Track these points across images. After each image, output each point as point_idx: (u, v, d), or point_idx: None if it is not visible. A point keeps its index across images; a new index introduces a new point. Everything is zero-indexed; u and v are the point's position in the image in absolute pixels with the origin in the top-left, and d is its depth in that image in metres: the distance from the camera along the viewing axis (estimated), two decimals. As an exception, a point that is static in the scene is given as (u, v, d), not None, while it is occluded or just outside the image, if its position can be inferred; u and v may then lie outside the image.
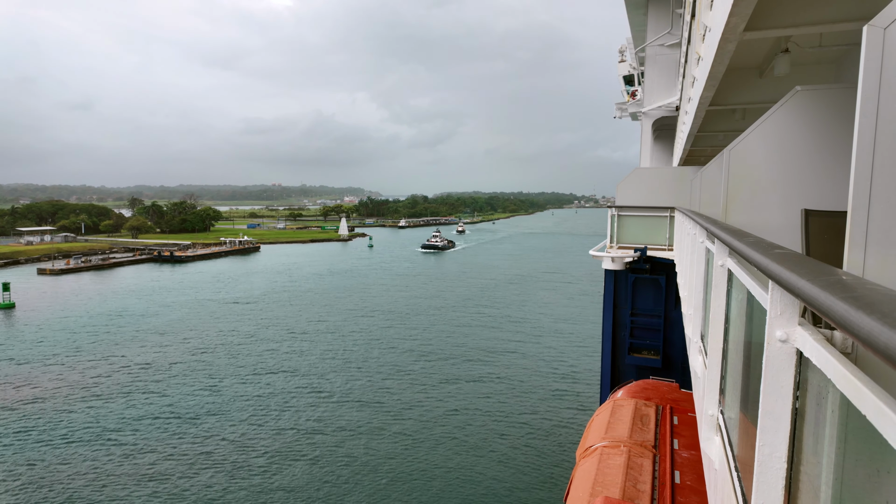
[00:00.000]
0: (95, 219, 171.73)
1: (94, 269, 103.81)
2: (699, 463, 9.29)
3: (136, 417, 33.51)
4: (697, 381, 6.04)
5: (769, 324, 2.19)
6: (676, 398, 13.08)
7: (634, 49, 30.64)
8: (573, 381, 40.85)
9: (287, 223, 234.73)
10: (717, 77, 7.64)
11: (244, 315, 62.91)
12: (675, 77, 25.10)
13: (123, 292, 78.62)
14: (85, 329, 55.81)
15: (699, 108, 10.12)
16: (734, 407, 3.63)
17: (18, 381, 40.12)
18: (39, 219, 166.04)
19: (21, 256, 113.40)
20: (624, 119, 36.11)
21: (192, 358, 45.61)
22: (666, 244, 19.64)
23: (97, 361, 44.69)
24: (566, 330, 57.43)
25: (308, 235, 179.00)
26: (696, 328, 6.80)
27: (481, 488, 25.90)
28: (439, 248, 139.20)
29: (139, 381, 39.98)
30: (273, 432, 31.96)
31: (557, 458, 28.75)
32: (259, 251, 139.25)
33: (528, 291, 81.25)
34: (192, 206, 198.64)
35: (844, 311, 1.27)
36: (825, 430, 1.80)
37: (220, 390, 38.46)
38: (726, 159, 5.72)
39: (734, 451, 3.48)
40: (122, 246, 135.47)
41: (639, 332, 20.59)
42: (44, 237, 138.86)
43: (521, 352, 48.89)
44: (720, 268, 4.13)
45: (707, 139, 16.36)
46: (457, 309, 68.01)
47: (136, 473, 27.24)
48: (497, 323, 60.35)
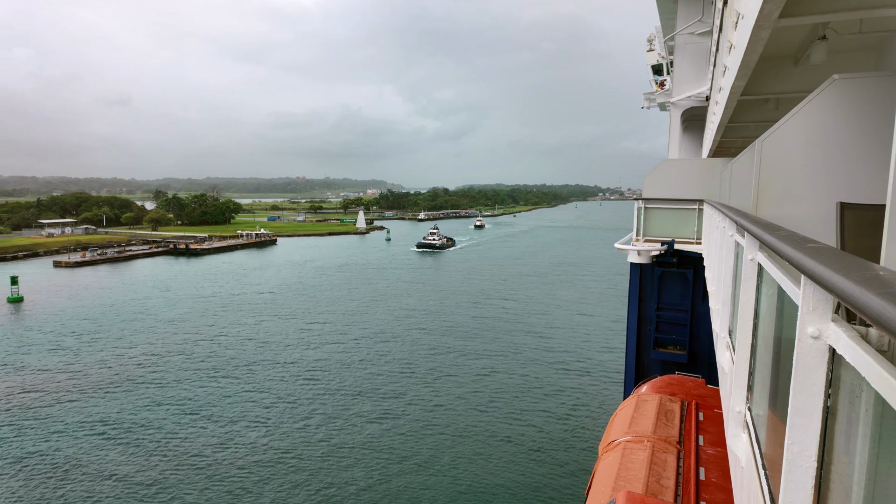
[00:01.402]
0: (117, 211, 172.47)
1: (109, 262, 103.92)
2: (725, 460, 9.15)
3: (132, 414, 33.07)
4: (724, 377, 5.95)
5: (801, 320, 2.14)
6: (702, 394, 12.88)
7: (663, 38, 29.95)
8: (596, 376, 40.56)
9: (307, 216, 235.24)
10: (749, 66, 7.43)
11: (247, 310, 62.31)
12: (706, 66, 24.51)
13: (133, 286, 78.24)
14: (89, 324, 55.36)
15: (730, 97, 9.86)
16: (762, 404, 3.57)
17: (18, 376, 39.76)
18: (63, 211, 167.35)
19: (40, 249, 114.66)
20: (652, 109, 35.46)
21: (184, 355, 45.01)
22: (694, 237, 19.31)
23: (98, 357, 44.41)
24: (588, 325, 56.99)
25: (326, 228, 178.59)
26: (723, 323, 6.69)
27: (503, 480, 25.99)
28: (437, 246, 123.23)
29: (136, 376, 39.45)
30: (291, 427, 32.54)
31: (579, 453, 28.64)
32: (276, 244, 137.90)
33: (541, 294, 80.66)
34: (214, 198, 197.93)
35: (881, 308, 1.23)
36: (858, 429, 1.76)
37: (218, 388, 38.55)
38: (758, 150, 5.57)
39: (762, 449, 3.43)
40: (140, 238, 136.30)
41: (664, 327, 20.30)
42: (65, 229, 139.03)
43: (541, 347, 48.71)
44: (750, 262, 4.05)
45: (738, 130, 15.95)
46: (475, 305, 68.04)
47: (140, 470, 27.92)
48: (518, 318, 60.19)
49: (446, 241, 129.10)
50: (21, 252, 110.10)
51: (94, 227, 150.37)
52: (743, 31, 6.66)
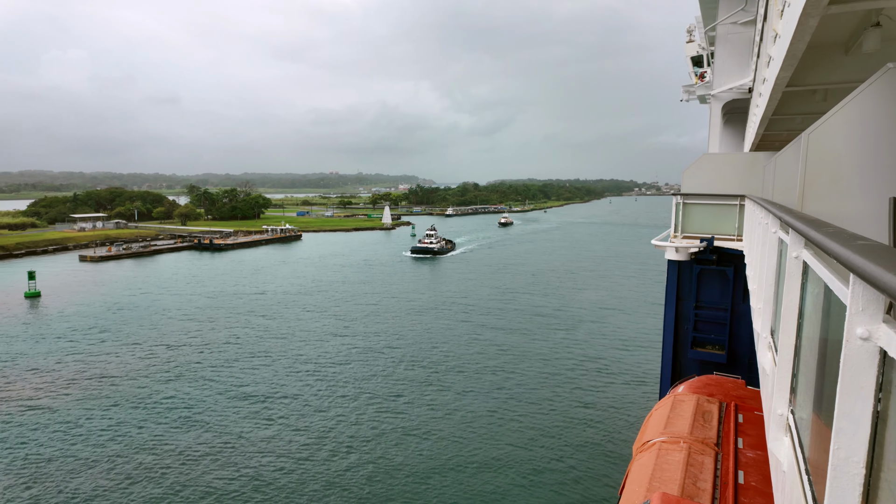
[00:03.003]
0: (149, 206, 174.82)
1: (134, 257, 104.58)
2: (765, 464, 8.89)
3: (132, 413, 32.74)
4: (766, 378, 5.79)
5: (849, 320, 2.07)
6: (742, 395, 12.54)
7: (704, 28, 29.09)
8: (630, 375, 39.90)
9: (335, 211, 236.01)
10: (795, 55, 7.14)
11: (254, 308, 61.65)
12: (748, 57, 23.73)
13: (149, 283, 77.84)
14: (99, 321, 55.28)
15: (775, 89, 9.51)
16: (806, 407, 3.47)
17: (26, 372, 39.92)
18: (98, 205, 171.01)
19: (70, 243, 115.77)
20: (691, 102, 34.58)
21: (185, 353, 44.81)
22: (735, 234, 18.77)
23: (107, 354, 44.30)
24: (622, 323, 56.07)
25: (352, 224, 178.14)
26: (765, 323, 6.51)
27: (534, 478, 25.89)
28: (434, 251, 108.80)
29: (138, 376, 39.25)
30: (310, 425, 33.15)
31: (612, 452, 28.27)
32: (300, 239, 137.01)
33: (571, 293, 79.47)
34: (247, 192, 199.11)
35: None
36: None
37: (217, 386, 38.95)
38: (804, 144, 5.36)
39: (805, 453, 3.33)
40: (168, 233, 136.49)
41: (703, 326, 19.84)
42: (96, 224, 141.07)
43: (574, 345, 48.20)
44: (794, 259, 3.94)
45: (782, 123, 15.38)
46: (513, 304, 67.79)
47: (149, 467, 28.87)
48: (552, 314, 59.69)
49: (445, 243, 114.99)
50: (51, 246, 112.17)
51: (125, 221, 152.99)
52: (789, 19, 6.40)
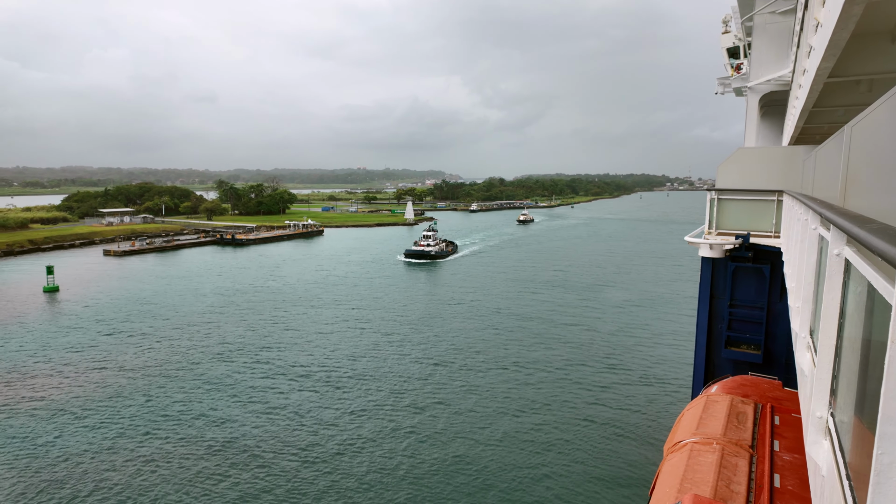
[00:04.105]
0: (177, 200, 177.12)
1: (157, 251, 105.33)
2: (803, 467, 8.63)
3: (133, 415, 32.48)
4: (804, 379, 5.62)
5: (894, 321, 1.99)
6: (778, 397, 12.20)
7: (741, 18, 28.23)
8: (661, 375, 39.21)
9: (360, 206, 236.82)
10: (838, 45, 6.87)
11: (263, 307, 61.67)
12: (787, 47, 22.95)
13: (170, 276, 78.44)
14: (116, 315, 55.76)
15: (816, 80, 9.17)
16: (847, 410, 3.36)
17: (34, 368, 39.93)
18: (128, 200, 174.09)
19: (97, 237, 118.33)
20: (727, 95, 33.59)
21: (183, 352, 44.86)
22: (772, 231, 18.24)
23: (114, 350, 44.68)
24: (653, 322, 55.07)
25: (375, 219, 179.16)
26: (804, 322, 6.31)
27: (560, 478, 25.71)
28: (431, 255, 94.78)
29: (140, 374, 39.30)
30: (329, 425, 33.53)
31: (642, 452, 27.85)
32: (322, 235, 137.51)
33: (603, 291, 78.42)
34: (273, 188, 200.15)
35: None
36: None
37: (217, 385, 39.44)
38: (847, 137, 5.15)
39: (846, 458, 3.23)
40: (193, 228, 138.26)
41: (737, 325, 19.35)
42: (123, 219, 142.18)
43: (604, 345, 47.59)
44: (836, 257, 3.82)
45: (823, 115, 14.82)
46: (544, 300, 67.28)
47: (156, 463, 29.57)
48: (581, 311, 59.06)
49: (445, 246, 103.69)
50: (78, 240, 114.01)
51: (151, 216, 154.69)
52: (832, 7, 6.16)
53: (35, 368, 40.59)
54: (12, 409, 33.09)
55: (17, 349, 45.14)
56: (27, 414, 32.56)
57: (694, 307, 21.42)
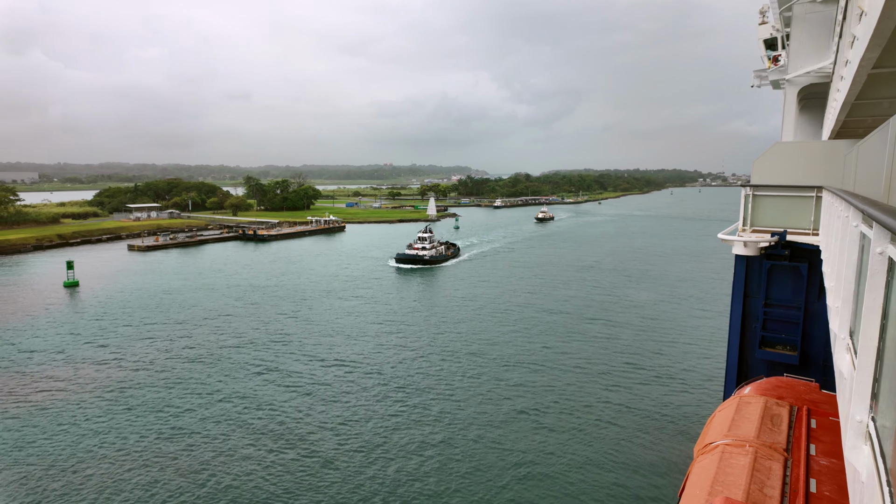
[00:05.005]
0: (203, 196, 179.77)
1: (180, 247, 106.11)
2: (841, 473, 8.35)
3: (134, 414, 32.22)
4: (843, 382, 5.44)
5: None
6: (815, 399, 11.83)
7: (779, 8, 27.31)
8: (692, 375, 38.40)
9: (384, 202, 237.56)
10: (884, 34, 6.58)
11: (270, 305, 62.56)
12: (828, 38, 22.11)
13: (188, 271, 78.98)
14: (132, 311, 56.26)
15: (859, 71, 8.81)
16: (889, 414, 3.24)
17: (42, 365, 40.07)
18: (157, 195, 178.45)
19: (123, 232, 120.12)
20: (763, 88, 32.53)
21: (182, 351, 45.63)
22: (810, 228, 17.65)
23: (132, 347, 44.90)
24: (686, 321, 53.95)
25: (397, 215, 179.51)
26: (843, 323, 6.10)
27: (588, 477, 25.48)
28: (425, 260, 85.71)
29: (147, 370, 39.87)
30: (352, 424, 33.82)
31: (671, 453, 27.36)
32: (344, 231, 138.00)
33: (631, 288, 76.99)
34: (299, 184, 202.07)
35: None
36: None
37: (217, 385, 39.90)
38: (892, 130, 4.94)
39: (887, 463, 3.12)
40: (217, 223, 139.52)
41: (772, 325, 18.83)
42: (150, 214, 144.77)
43: (634, 341, 46.86)
44: (879, 255, 3.69)
45: (867, 108, 14.23)
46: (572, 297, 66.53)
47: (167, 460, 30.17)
48: (613, 309, 58.27)
49: (444, 249, 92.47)
50: (105, 235, 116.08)
51: (178, 211, 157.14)
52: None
53: (41, 368, 40.39)
54: (11, 410, 33.02)
55: (29, 344, 45.38)
56: (27, 414, 32.50)
57: (727, 306, 20.90)
